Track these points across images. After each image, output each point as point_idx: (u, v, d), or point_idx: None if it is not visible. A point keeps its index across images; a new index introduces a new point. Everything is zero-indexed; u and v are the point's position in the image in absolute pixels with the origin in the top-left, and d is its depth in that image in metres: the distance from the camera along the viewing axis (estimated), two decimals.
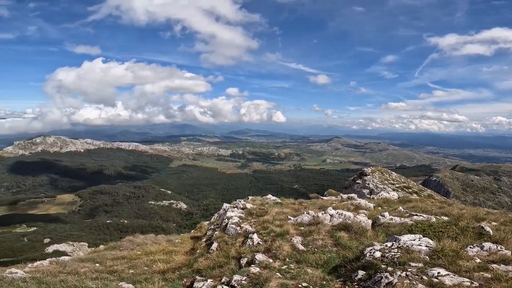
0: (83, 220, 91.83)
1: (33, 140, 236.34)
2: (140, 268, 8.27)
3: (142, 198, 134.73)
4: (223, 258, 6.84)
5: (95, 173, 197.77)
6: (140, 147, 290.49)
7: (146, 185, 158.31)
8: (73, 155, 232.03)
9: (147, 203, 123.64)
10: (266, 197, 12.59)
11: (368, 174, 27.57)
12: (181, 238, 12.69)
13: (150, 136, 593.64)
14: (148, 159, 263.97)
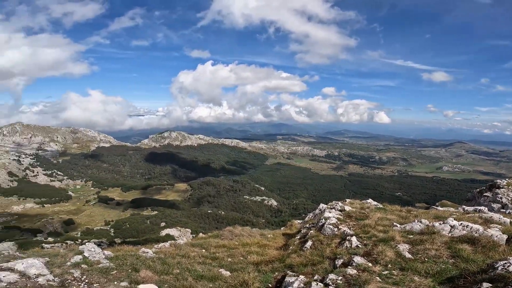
0: (191, 208, 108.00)
1: (162, 135, 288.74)
2: (237, 257, 9.05)
3: (239, 192, 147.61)
4: (317, 256, 6.98)
5: (204, 166, 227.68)
6: (240, 144, 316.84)
7: (243, 180, 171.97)
8: (189, 149, 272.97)
9: (242, 197, 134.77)
10: (366, 201, 12.56)
11: (502, 187, 23.34)
12: (273, 234, 13.20)
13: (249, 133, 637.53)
14: (246, 156, 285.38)
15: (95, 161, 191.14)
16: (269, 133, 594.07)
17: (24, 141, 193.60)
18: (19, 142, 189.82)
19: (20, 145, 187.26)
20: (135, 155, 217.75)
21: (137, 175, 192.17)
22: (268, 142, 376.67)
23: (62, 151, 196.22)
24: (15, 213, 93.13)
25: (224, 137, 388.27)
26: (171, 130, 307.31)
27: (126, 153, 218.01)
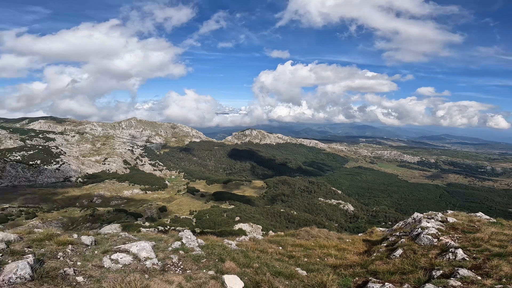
0: (264, 205, 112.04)
1: (244, 132, 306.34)
2: (313, 258, 9.20)
3: (314, 193, 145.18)
4: (408, 265, 6.82)
5: (281, 165, 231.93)
6: (319, 144, 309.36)
7: (319, 182, 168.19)
8: (268, 147, 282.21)
9: (317, 199, 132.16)
10: (474, 214, 11.88)
11: None
12: (352, 239, 13.17)
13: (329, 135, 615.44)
14: (325, 157, 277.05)
15: (187, 154, 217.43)
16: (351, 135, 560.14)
17: (137, 134, 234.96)
18: (133, 135, 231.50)
19: (134, 137, 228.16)
20: (220, 151, 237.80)
21: (220, 169, 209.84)
22: (349, 144, 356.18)
23: (164, 144, 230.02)
24: (125, 197, 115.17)
25: (303, 137, 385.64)
26: (252, 128, 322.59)
27: (212, 148, 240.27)
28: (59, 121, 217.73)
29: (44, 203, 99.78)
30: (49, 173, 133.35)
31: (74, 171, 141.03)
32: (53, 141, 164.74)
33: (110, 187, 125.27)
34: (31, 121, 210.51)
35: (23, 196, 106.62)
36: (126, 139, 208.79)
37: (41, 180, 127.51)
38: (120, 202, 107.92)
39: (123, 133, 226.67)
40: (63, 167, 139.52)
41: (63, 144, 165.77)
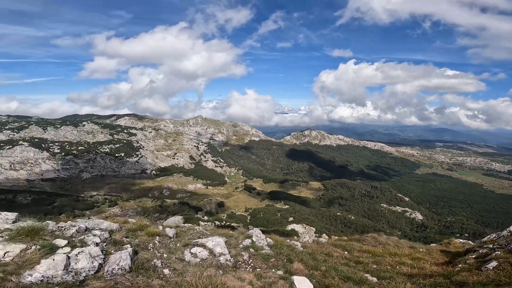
0: (320, 208, 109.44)
1: (303, 133, 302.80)
2: (383, 265, 8.90)
3: (376, 199, 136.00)
4: (505, 277, 6.57)
5: (341, 167, 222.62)
6: (385, 148, 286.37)
7: (383, 187, 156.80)
8: (327, 148, 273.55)
9: (379, 205, 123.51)
10: None
11: None
12: (427, 249, 12.68)
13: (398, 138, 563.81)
14: (391, 161, 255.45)
15: (246, 152, 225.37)
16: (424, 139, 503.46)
17: (202, 131, 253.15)
18: (199, 132, 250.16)
19: (200, 134, 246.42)
20: (278, 150, 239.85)
21: (277, 169, 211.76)
22: (422, 149, 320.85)
23: (225, 142, 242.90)
24: (189, 191, 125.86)
25: (367, 139, 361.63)
26: (312, 128, 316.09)
27: (271, 147, 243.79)
28: (139, 118, 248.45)
29: (124, 193, 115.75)
30: (130, 165, 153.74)
31: (149, 164, 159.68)
32: (134, 136, 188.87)
33: (177, 181, 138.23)
34: (118, 117, 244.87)
35: (109, 185, 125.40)
36: (192, 136, 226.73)
37: (124, 171, 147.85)
38: (184, 195, 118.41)
39: (190, 130, 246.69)
40: (141, 160, 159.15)
41: (142, 139, 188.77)
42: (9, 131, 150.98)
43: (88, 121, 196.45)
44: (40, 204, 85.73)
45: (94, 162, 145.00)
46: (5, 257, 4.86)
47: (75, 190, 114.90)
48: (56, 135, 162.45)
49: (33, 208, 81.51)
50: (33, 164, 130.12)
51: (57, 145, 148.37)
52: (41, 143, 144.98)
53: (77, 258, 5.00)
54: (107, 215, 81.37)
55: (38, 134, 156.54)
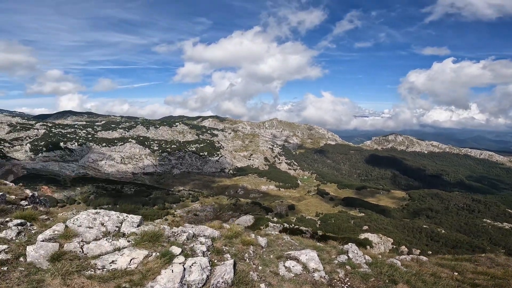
0: (402, 218, 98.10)
1: (386, 137, 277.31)
2: None
3: (477, 213, 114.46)
4: None
5: (433, 177, 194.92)
6: (494, 157, 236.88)
7: (488, 201, 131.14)
8: (416, 155, 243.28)
9: (480, 220, 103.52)
10: None
11: None
12: None
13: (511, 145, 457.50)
14: (502, 173, 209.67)
15: (321, 156, 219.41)
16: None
17: (277, 133, 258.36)
18: (274, 134, 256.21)
19: (275, 136, 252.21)
20: (356, 155, 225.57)
21: (354, 175, 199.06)
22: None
23: (300, 145, 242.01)
24: (261, 191, 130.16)
25: (469, 146, 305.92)
26: (397, 133, 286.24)
27: (348, 152, 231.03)
28: (221, 119, 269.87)
29: (205, 189, 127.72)
30: (211, 163, 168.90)
31: (228, 163, 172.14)
32: (216, 137, 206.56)
33: (252, 181, 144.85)
34: (203, 119, 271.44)
35: (193, 182, 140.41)
36: (268, 138, 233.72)
37: (206, 169, 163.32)
38: (257, 196, 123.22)
39: (266, 132, 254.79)
40: (221, 160, 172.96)
41: (222, 140, 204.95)
42: (122, 130, 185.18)
43: (179, 122, 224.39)
44: (140, 195, 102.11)
45: (183, 159, 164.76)
46: (130, 264, 5.16)
47: (166, 184, 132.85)
48: (156, 134, 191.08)
49: (135, 198, 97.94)
50: (138, 159, 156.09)
51: (156, 143, 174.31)
52: (144, 141, 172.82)
53: (190, 270, 5.23)
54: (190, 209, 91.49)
55: (143, 133, 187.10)
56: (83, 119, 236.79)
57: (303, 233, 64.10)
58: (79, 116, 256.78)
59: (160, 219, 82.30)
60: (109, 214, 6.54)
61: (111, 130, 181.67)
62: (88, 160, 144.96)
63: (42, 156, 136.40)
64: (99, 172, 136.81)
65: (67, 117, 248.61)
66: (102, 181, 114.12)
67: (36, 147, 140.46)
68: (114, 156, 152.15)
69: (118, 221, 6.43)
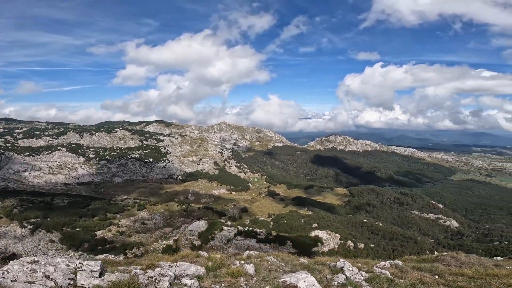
0: (345, 214, 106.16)
1: (328, 138, 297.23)
2: None
3: (406, 206, 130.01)
4: None
5: (368, 173, 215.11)
6: (416, 153, 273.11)
7: (414, 194, 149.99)
8: (353, 154, 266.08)
9: (409, 212, 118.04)
10: None
11: None
12: None
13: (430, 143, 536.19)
14: (423, 167, 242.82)
15: (270, 158, 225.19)
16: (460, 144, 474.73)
17: (226, 137, 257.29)
18: (223, 138, 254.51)
19: (224, 140, 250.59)
20: (302, 156, 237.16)
21: (301, 174, 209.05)
22: (458, 154, 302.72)
23: (249, 148, 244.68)
24: (213, 196, 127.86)
25: (396, 144, 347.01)
26: (337, 134, 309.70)
27: (294, 153, 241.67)
28: (167, 124, 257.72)
29: (152, 197, 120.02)
30: (158, 170, 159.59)
31: (176, 169, 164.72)
32: (162, 142, 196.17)
33: (202, 186, 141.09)
34: (147, 124, 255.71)
35: (138, 190, 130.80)
36: (217, 142, 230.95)
37: (152, 176, 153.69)
38: (209, 200, 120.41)
39: (214, 136, 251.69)
40: (168, 165, 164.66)
41: (169, 145, 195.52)
42: (48, 137, 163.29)
43: (120, 127, 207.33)
44: (76, 207, 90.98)
45: (125, 167, 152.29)
46: None
47: (107, 194, 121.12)
48: (91, 141, 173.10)
49: (70, 210, 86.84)
50: (70, 168, 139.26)
51: (92, 151, 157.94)
52: (77, 148, 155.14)
53: None
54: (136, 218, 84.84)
55: (75, 140, 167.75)
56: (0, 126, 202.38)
57: (258, 235, 64.49)
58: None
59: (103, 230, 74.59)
60: (53, 263, 4.90)
61: (35, 137, 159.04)
62: (8, 172, 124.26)
63: None
64: (23, 184, 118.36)
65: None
66: (27, 193, 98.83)
67: None
68: (40, 166, 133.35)
69: (69, 271, 4.89)
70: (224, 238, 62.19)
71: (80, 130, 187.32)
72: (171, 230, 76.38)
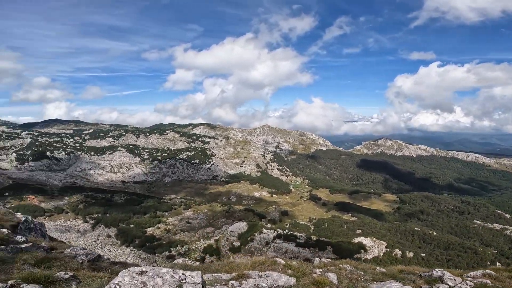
0: (394, 222, 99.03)
1: (376, 142, 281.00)
2: None
3: (467, 215, 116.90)
4: None
5: (422, 180, 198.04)
6: (481, 159, 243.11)
7: (477, 203, 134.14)
8: (405, 159, 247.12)
9: (470, 222, 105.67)
10: None
11: None
12: None
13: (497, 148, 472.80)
14: (489, 174, 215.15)
15: (313, 162, 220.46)
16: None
17: (269, 140, 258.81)
18: (266, 141, 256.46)
19: (266, 143, 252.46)
20: (347, 160, 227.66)
21: (346, 179, 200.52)
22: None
23: (291, 151, 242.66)
24: (254, 198, 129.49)
25: (456, 149, 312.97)
26: (386, 137, 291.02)
27: (339, 157, 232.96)
28: (212, 127, 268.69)
29: (198, 197, 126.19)
30: (203, 171, 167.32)
31: (220, 170, 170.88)
32: (207, 144, 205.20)
33: (244, 188, 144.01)
34: (194, 126, 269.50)
35: (185, 189, 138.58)
36: (259, 145, 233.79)
37: (198, 177, 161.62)
38: (250, 202, 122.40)
39: (257, 139, 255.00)
40: (213, 167, 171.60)
41: (214, 147, 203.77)
42: (111, 138, 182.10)
43: (170, 129, 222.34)
44: (131, 204, 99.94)
45: (174, 167, 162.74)
46: None
47: (158, 193, 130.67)
48: (146, 142, 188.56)
49: (126, 207, 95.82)
50: (128, 168, 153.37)
51: (146, 151, 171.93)
52: (134, 149, 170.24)
53: None
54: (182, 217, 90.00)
55: (132, 141, 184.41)
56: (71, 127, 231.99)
57: (297, 239, 63.83)
58: (66, 125, 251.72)
59: (152, 227, 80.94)
60: (159, 274, 4.61)
61: (99, 138, 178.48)
62: (76, 169, 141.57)
63: (28, 166, 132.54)
64: (88, 181, 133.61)
65: (54, 126, 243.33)
66: (91, 190, 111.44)
67: (22, 157, 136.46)
68: (103, 164, 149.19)
69: (175, 284, 4.55)
70: (263, 241, 62.80)
71: (136, 132, 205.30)
72: (212, 230, 79.52)
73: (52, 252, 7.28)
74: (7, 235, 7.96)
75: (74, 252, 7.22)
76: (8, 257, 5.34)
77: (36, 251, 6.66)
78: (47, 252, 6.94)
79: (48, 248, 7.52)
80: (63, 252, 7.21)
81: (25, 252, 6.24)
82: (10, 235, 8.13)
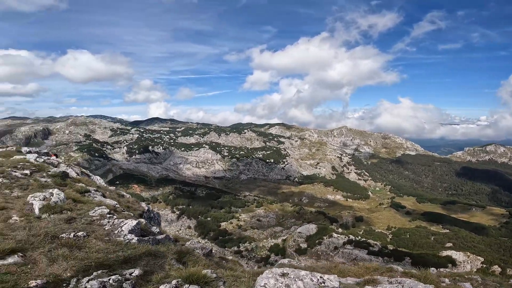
0: (499, 237, 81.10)
1: (484, 148, 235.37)
2: None
3: None
4: None
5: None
6: None
7: None
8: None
9: None
10: None
11: None
12: None
13: None
14: None
15: (397, 167, 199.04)
16: None
17: (347, 142, 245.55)
18: (344, 143, 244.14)
19: (344, 145, 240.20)
20: (442, 167, 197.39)
21: (440, 188, 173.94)
22: None
23: (372, 154, 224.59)
24: (327, 201, 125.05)
25: None
26: (498, 143, 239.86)
27: (432, 163, 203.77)
28: (287, 127, 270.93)
29: (270, 196, 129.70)
30: (277, 171, 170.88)
31: (293, 171, 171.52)
32: (282, 144, 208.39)
33: (317, 190, 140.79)
34: (270, 126, 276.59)
35: (259, 188, 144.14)
36: (336, 147, 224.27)
37: (271, 176, 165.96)
38: (322, 205, 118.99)
39: (334, 140, 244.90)
40: (287, 167, 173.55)
41: (288, 147, 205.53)
42: (197, 136, 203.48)
43: (248, 129, 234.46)
44: (210, 198, 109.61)
45: (250, 166, 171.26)
46: None
47: (234, 189, 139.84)
48: (226, 141, 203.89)
49: (206, 201, 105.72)
50: (210, 164, 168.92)
51: (226, 149, 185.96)
52: (216, 146, 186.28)
53: None
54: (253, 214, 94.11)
55: (215, 139, 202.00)
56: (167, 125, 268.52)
57: (370, 246, 59.52)
58: (164, 123, 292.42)
59: (225, 222, 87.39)
60: (299, 276, 4.45)
61: (188, 136, 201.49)
62: (170, 163, 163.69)
63: (135, 158, 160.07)
64: (178, 175, 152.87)
65: (155, 124, 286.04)
66: (180, 183, 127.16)
67: (130, 150, 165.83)
68: (190, 160, 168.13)
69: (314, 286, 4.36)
70: (332, 245, 60.83)
71: (218, 130, 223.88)
72: (281, 229, 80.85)
73: (178, 243, 7.51)
74: (145, 225, 7.98)
75: (193, 246, 7.46)
76: (159, 251, 5.37)
77: (169, 243, 6.68)
78: (174, 245, 6.94)
79: (174, 240, 7.83)
80: (184, 245, 7.40)
81: (161, 244, 6.28)
82: (148, 225, 8.31)
